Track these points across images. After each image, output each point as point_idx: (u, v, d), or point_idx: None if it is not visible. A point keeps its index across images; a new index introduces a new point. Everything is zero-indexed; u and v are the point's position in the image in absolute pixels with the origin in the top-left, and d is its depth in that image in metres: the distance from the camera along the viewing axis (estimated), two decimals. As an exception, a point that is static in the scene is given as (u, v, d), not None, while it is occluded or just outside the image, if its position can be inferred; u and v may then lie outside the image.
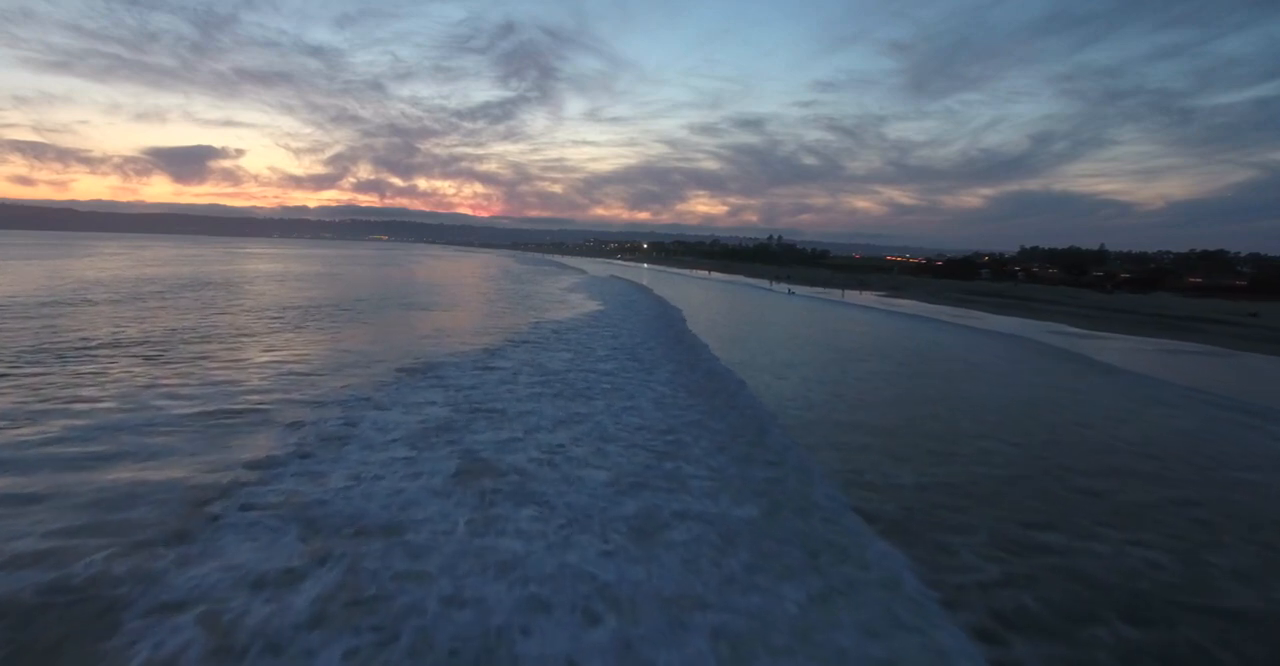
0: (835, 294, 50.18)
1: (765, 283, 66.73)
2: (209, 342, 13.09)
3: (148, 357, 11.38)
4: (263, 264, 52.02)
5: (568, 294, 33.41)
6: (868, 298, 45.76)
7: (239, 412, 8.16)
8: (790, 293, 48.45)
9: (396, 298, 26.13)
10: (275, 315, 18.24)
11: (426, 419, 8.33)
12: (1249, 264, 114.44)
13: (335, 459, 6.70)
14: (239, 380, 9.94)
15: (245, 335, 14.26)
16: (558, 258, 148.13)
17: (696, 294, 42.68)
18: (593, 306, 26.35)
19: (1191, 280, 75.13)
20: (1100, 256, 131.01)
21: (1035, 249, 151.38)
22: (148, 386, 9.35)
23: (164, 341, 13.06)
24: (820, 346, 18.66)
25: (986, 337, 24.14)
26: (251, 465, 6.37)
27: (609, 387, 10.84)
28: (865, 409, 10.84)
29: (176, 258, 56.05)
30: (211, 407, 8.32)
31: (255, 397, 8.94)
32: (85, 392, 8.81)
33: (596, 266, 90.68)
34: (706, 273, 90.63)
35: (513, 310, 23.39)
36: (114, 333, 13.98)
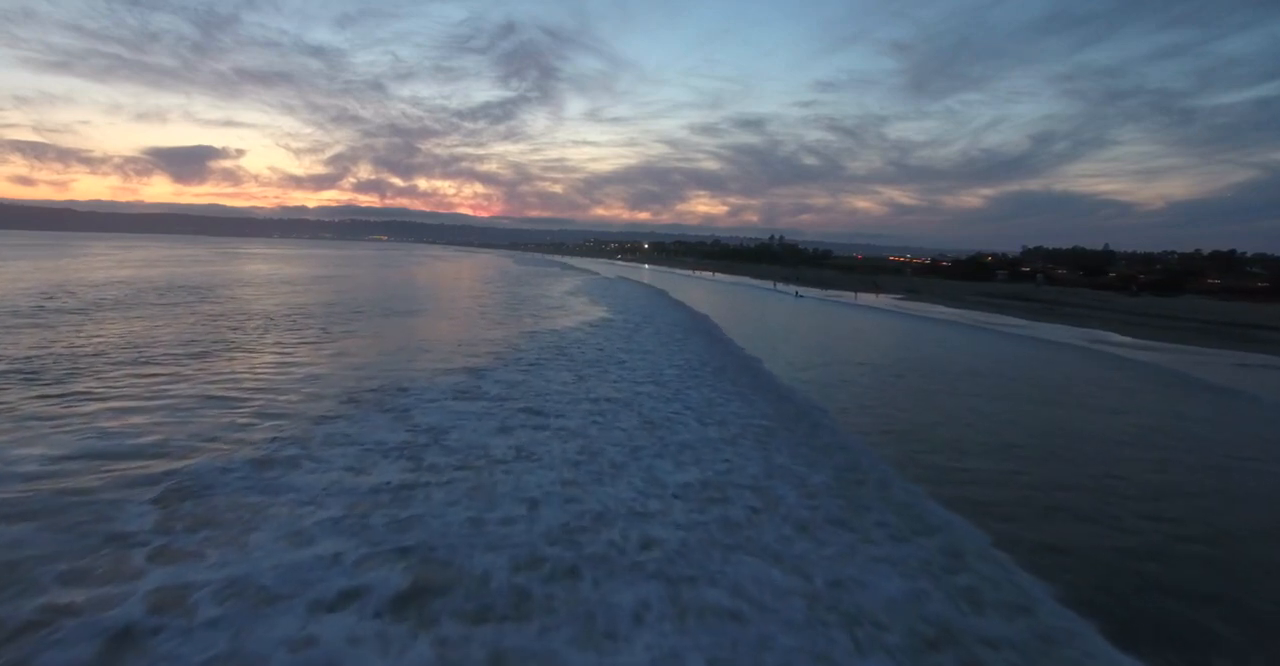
0: (846, 296, 47.87)
1: (769, 284, 64.37)
2: (134, 365, 10.77)
3: (44, 384, 9.09)
4: (251, 265, 49.74)
5: (572, 297, 31.11)
6: (885, 301, 43.42)
7: (107, 476, 5.83)
8: (797, 296, 45.61)
9: (380, 302, 23.83)
10: (234, 326, 15.94)
11: (372, 481, 6.03)
12: (1257, 264, 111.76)
13: (216, 564, 4.39)
14: (138, 420, 7.59)
15: (187, 353, 11.91)
16: (558, 258, 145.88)
17: (713, 298, 40.31)
18: (602, 313, 24.04)
19: (1210, 282, 72.65)
20: (1109, 257, 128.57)
21: (1039, 249, 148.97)
22: (12, 426, 7.07)
23: (82, 363, 10.75)
24: (881, 363, 16.09)
25: (1055, 351, 21.76)
26: (69, 580, 4.07)
27: (636, 425, 8.52)
28: (973, 450, 8.65)
29: (163, 259, 53.75)
30: (73, 467, 5.98)
31: (145, 448, 6.59)
32: (-82, 442, 6.53)
33: (599, 267, 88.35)
34: (711, 274, 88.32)
35: (507, 317, 21.09)
36: (32, 350, 11.68)
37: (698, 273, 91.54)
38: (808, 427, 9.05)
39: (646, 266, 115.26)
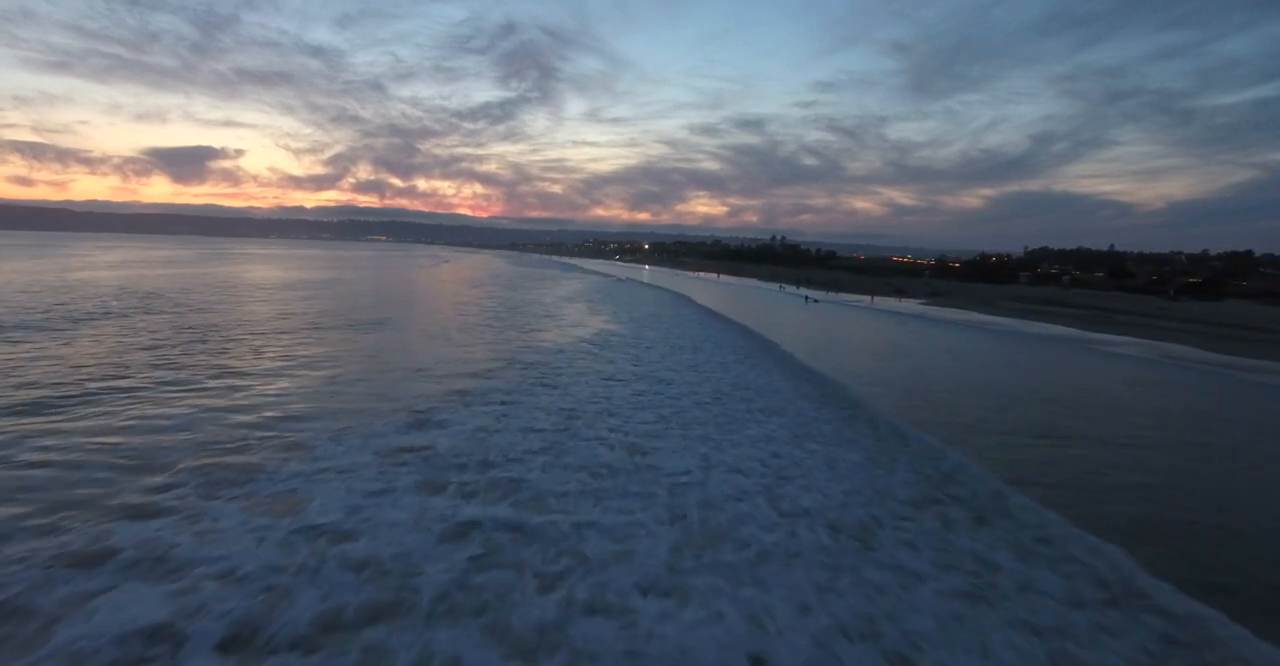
0: (862, 300, 44.93)
1: (776, 286, 61.41)
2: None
3: None
4: (230, 267, 46.79)
5: (571, 304, 28.20)
6: (910, 306, 40.31)
7: None
8: (808, 300, 41.38)
9: (346, 312, 20.84)
10: (151, 345, 13.03)
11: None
12: (1268, 265, 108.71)
13: None
14: None
15: (56, 397, 8.91)
16: (557, 258, 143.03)
17: (729, 304, 37.31)
18: (608, 325, 21.12)
19: (1239, 284, 69.71)
20: (1120, 258, 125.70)
21: (1044, 249, 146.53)
22: None
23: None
24: (994, 396, 12.95)
25: (1182, 374, 18.69)
26: None
27: (672, 530, 5.37)
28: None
29: (138, 260, 50.80)
30: None
31: None
32: None
33: (600, 268, 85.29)
34: (715, 275, 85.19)
35: (488, 331, 18.16)
36: None
37: (700, 274, 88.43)
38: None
39: (646, 267, 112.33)
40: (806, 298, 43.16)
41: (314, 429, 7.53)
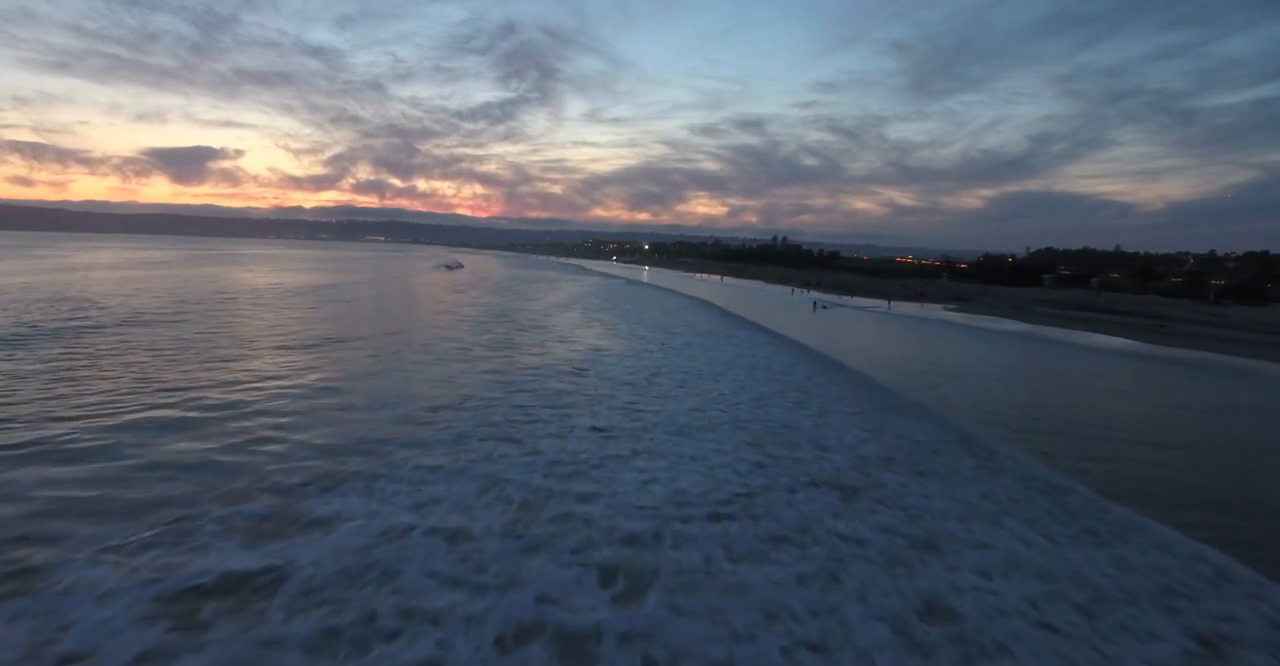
0: (878, 305, 42.00)
1: (786, 289, 58.56)
2: None
3: None
4: (207, 269, 43.91)
5: (570, 311, 25.32)
6: (936, 312, 37.10)
7: None
8: (816, 305, 37.10)
9: (289, 325, 17.82)
10: (11, 373, 10.21)
11: None
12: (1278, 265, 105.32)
13: None
14: None
15: None
16: (557, 258, 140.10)
17: (759, 314, 34.38)
18: (619, 345, 18.24)
19: (1272, 286, 66.56)
20: (1128, 259, 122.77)
21: (1048, 249, 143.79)
22: None
23: None
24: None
25: None
26: None
27: None
28: None
29: (115, 262, 47.96)
30: None
31: None
32: None
33: (602, 269, 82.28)
34: (719, 277, 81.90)
35: (453, 348, 15.25)
36: None
37: (701, 276, 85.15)
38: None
39: (646, 269, 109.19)
40: (815, 303, 39.16)
41: (90, 533, 4.59)
